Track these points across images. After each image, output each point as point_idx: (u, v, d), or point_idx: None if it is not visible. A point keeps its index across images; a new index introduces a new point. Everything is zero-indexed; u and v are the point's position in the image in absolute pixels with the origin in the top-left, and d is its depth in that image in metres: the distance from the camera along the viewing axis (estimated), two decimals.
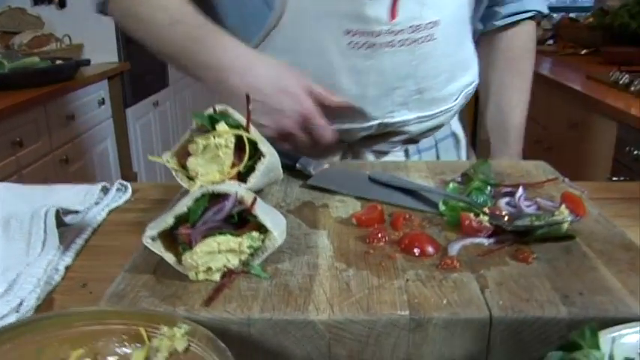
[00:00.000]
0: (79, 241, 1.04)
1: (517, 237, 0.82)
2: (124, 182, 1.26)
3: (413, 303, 0.67)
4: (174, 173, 0.86)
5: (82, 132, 3.34)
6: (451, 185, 0.99)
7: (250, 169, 0.86)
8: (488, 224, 0.84)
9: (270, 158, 0.86)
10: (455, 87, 1.23)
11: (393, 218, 0.89)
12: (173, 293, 0.72)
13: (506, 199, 0.94)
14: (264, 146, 0.85)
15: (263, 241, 0.75)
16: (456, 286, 0.71)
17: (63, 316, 0.65)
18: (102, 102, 3.59)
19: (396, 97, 1.15)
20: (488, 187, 0.97)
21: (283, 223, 0.79)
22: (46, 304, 0.85)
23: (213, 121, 0.85)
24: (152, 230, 0.74)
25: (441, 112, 1.23)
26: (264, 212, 0.75)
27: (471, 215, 0.85)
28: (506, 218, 0.85)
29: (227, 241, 0.72)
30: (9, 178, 2.54)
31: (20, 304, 0.83)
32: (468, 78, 1.26)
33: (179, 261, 0.74)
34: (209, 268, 0.73)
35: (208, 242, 0.72)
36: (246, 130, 0.85)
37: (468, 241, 0.82)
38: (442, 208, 0.91)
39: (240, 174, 0.86)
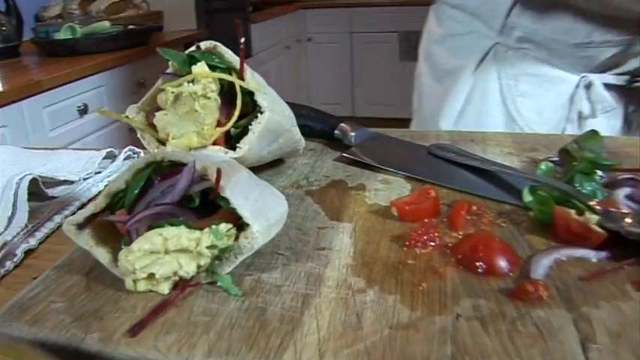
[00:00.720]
0: (57, 219, 0.82)
1: None
2: (136, 149, 1.03)
3: None
4: (139, 134, 0.61)
5: None
6: (543, 166, 0.69)
7: (245, 132, 0.60)
8: (597, 228, 0.54)
9: (273, 116, 0.59)
10: None
11: (453, 210, 0.61)
12: (97, 309, 0.48)
13: (627, 191, 0.63)
14: (265, 99, 0.59)
15: (237, 238, 0.49)
16: (539, 333, 0.42)
17: None
18: None
19: None
20: (599, 172, 0.66)
21: (277, 212, 0.53)
22: None
23: (193, 62, 0.59)
24: (78, 216, 0.50)
25: None
26: (242, 194, 0.49)
27: (572, 212, 0.56)
28: (627, 220, 0.55)
29: (178, 235, 0.47)
30: (72, 145, 2.44)
31: None
32: None
33: (117, 261, 0.50)
34: (152, 275, 0.48)
35: (150, 236, 0.47)
36: (240, 74, 0.58)
37: (565, 253, 0.53)
38: (528, 199, 0.61)
39: (229, 137, 0.60)
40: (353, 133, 0.80)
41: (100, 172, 0.95)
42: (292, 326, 0.44)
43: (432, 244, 0.55)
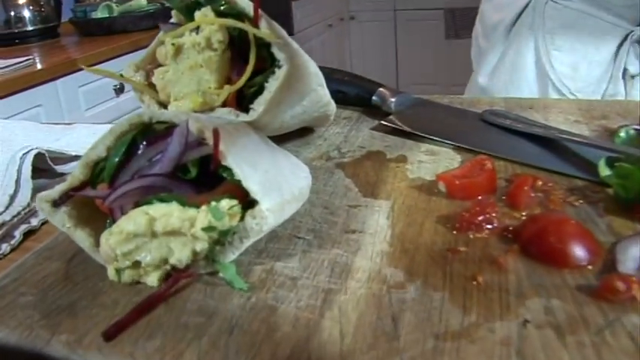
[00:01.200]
0: None
1: None
2: None
3: None
4: (136, 96, 0.52)
5: None
6: (622, 133, 0.57)
7: (260, 92, 0.50)
8: None
9: (293, 71, 0.49)
10: None
11: (514, 186, 0.50)
12: (71, 304, 0.39)
13: None
14: (283, 50, 0.48)
15: (242, 218, 0.39)
16: (636, 348, 0.31)
17: None
18: None
19: None
20: None
21: (296, 186, 0.43)
22: None
23: (199, 9, 0.49)
24: (52, 191, 0.41)
25: None
26: (248, 162, 0.39)
27: None
28: None
29: (167, 214, 0.37)
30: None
31: None
32: None
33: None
34: (137, 263, 0.39)
35: (134, 216, 0.38)
36: (254, 22, 0.48)
37: None
38: (605, 172, 0.50)
39: (242, 98, 0.50)
40: (393, 99, 0.69)
41: None
42: (308, 332, 0.34)
43: (489, 226, 0.44)
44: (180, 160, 0.38)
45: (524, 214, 0.47)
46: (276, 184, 0.40)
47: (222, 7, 0.49)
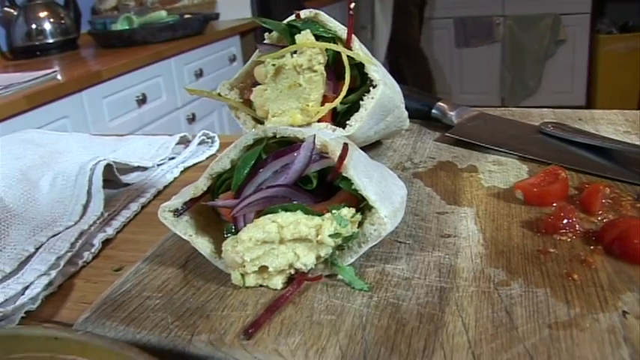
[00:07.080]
0: (134, 207, 0.77)
1: None
2: (210, 133, 0.98)
3: None
4: (232, 114, 0.56)
5: (211, 89, 3.17)
6: None
7: (353, 108, 0.54)
8: None
9: (386, 90, 0.53)
10: None
11: (587, 193, 0.54)
12: (200, 307, 0.42)
13: None
14: (376, 71, 0.52)
15: (361, 224, 0.43)
16: None
17: None
18: (233, 58, 3.41)
19: None
20: None
21: (400, 194, 0.47)
22: (62, 291, 0.59)
23: (294, 32, 0.53)
24: (175, 200, 0.45)
25: None
26: (366, 174, 0.43)
27: None
28: None
29: (295, 222, 0.41)
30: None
31: (27, 287, 0.57)
32: None
33: (219, 252, 0.44)
34: (263, 268, 0.42)
35: (262, 224, 0.42)
36: (347, 44, 0.52)
37: None
38: None
39: (335, 114, 0.54)
40: (453, 112, 0.73)
41: (173, 158, 0.91)
42: (435, 325, 0.38)
43: (572, 230, 0.48)
44: (303, 172, 0.42)
45: (599, 218, 0.51)
46: (387, 193, 0.44)
47: (318, 31, 0.53)
